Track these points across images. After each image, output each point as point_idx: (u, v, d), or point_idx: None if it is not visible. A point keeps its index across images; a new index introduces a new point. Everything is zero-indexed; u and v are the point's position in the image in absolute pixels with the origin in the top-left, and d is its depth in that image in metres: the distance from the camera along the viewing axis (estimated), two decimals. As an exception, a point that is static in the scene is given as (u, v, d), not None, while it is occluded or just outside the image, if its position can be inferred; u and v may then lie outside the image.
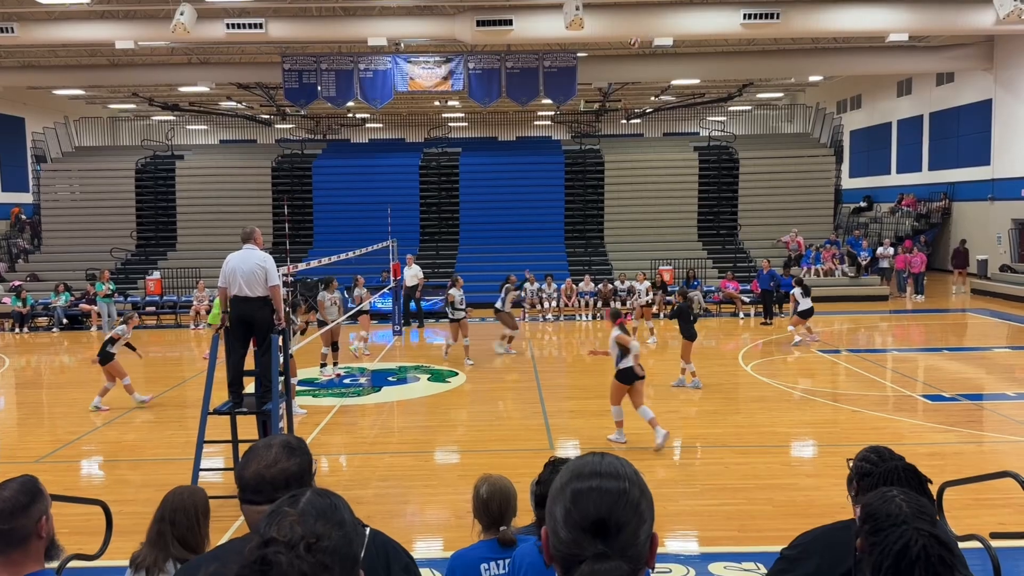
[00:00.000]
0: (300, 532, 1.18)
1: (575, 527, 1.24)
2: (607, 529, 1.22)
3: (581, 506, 1.24)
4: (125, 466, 9.20)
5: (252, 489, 1.89)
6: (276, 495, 1.75)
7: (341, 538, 1.22)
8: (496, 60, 23.08)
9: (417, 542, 6.88)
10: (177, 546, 3.48)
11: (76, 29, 19.82)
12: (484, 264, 24.20)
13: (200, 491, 3.74)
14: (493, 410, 11.59)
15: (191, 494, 3.68)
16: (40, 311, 20.93)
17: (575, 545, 1.23)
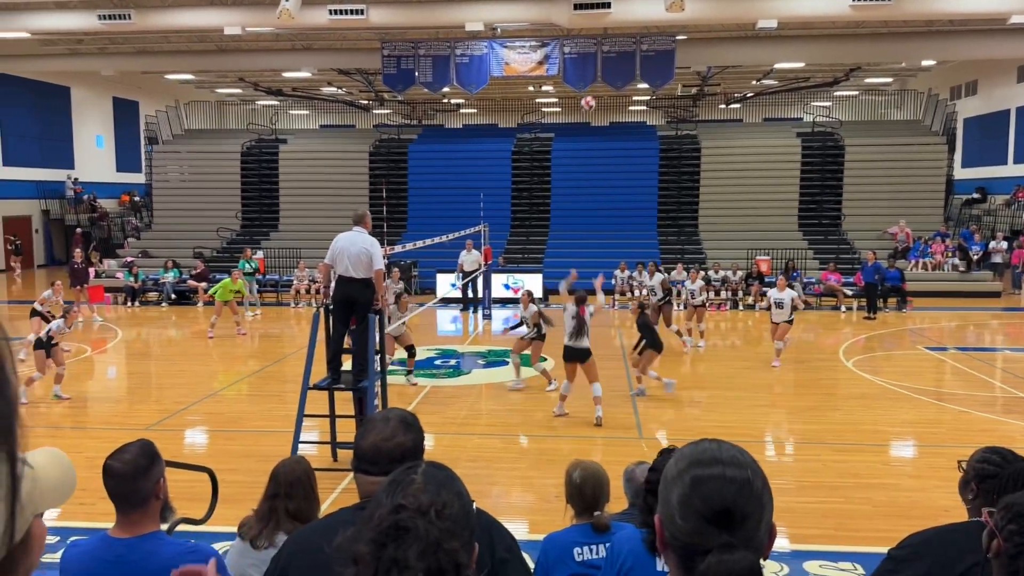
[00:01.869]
0: (428, 499, 1.20)
1: (697, 516, 1.19)
2: (732, 519, 1.18)
3: (703, 494, 1.20)
4: (227, 436, 9.59)
5: (369, 460, 1.96)
6: (391, 467, 1.80)
7: (461, 507, 1.24)
8: (592, 44, 22.86)
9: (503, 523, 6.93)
10: (289, 520, 3.50)
11: (187, 16, 20.64)
12: (574, 251, 24.11)
13: (305, 461, 3.80)
14: (581, 396, 11.53)
15: (299, 465, 3.69)
16: (150, 286, 22.00)
17: (697, 535, 1.19)
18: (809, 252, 23.57)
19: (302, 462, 3.76)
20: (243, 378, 12.73)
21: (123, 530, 2.39)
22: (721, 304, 20.47)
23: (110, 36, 24.22)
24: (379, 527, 1.17)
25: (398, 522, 1.16)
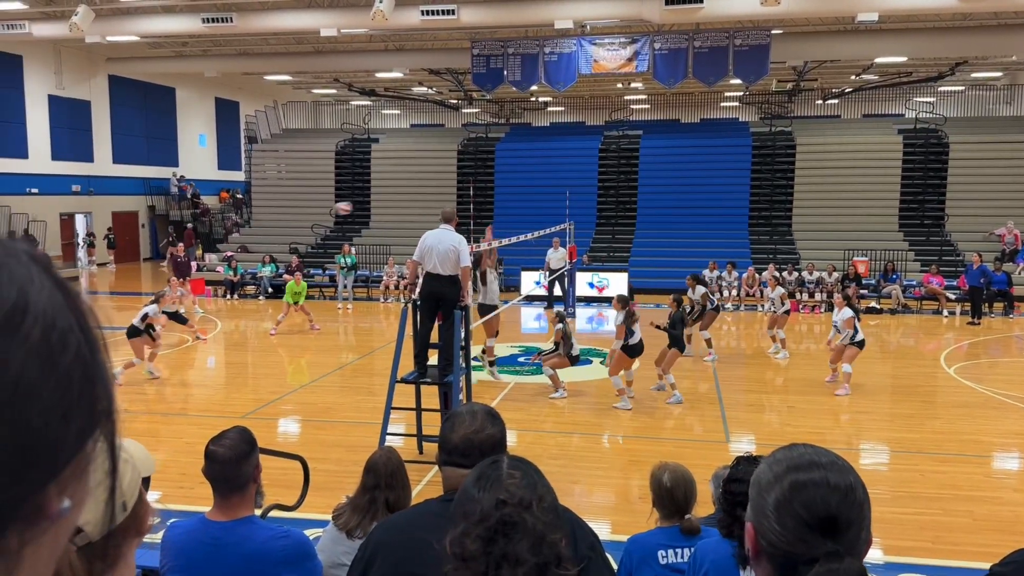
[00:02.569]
0: (527, 493, 1.22)
1: (798, 523, 1.16)
2: (837, 526, 1.14)
3: (805, 500, 1.16)
4: (318, 426, 9.88)
5: (460, 452, 2.00)
6: (480, 460, 1.83)
7: (554, 500, 1.24)
8: (683, 40, 22.51)
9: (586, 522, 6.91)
10: (386, 511, 3.54)
11: (285, 18, 21.33)
12: (660, 249, 23.81)
13: (397, 452, 3.86)
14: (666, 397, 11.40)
15: (394, 456, 3.74)
16: (248, 280, 22.83)
17: (799, 543, 1.15)
18: (910, 254, 22.61)
19: (395, 453, 3.82)
20: (334, 370, 13.08)
21: (221, 513, 2.49)
22: (815, 306, 19.87)
23: (213, 39, 25.26)
24: (485, 523, 1.18)
25: (505, 517, 1.17)
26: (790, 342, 14.97)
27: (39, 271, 0.54)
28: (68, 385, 0.51)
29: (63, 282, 0.56)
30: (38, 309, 0.52)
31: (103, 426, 0.53)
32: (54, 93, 26.86)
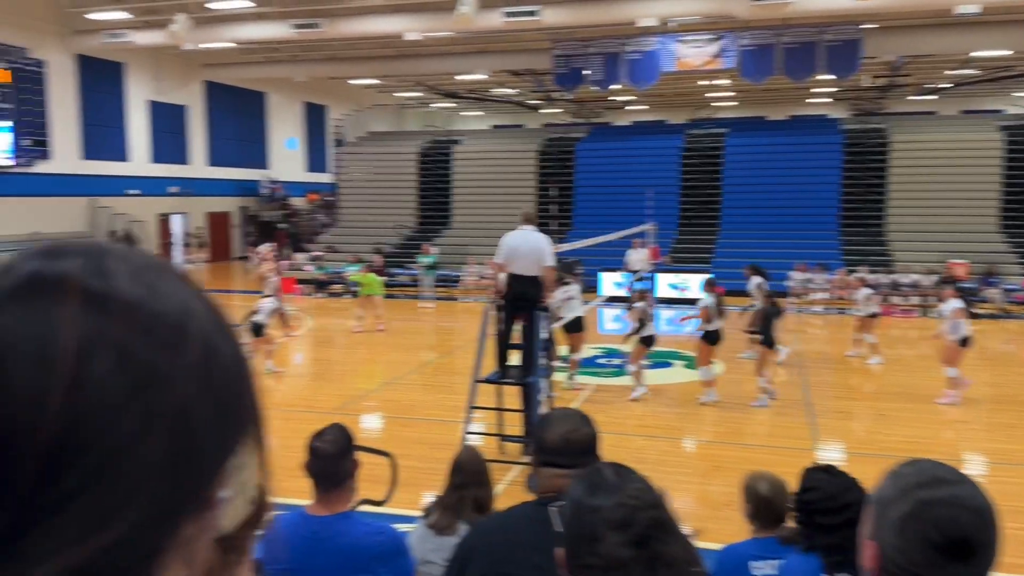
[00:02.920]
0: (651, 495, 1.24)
1: (927, 545, 1.10)
2: (970, 549, 1.08)
3: (936, 520, 1.11)
4: (402, 423, 10.05)
5: (557, 452, 2.03)
6: (579, 459, 1.93)
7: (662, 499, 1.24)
8: (771, 35, 21.98)
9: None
10: (473, 509, 3.59)
11: (371, 22, 21.77)
12: (746, 250, 23.28)
13: (480, 451, 3.88)
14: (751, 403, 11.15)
15: (479, 455, 3.77)
16: (336, 279, 23.38)
17: (927, 567, 1.10)
18: (1011, 256, 21.52)
19: (479, 452, 3.84)
20: (415, 369, 13.28)
21: (321, 508, 2.56)
22: (910, 310, 19.12)
23: (302, 44, 25.97)
24: (630, 527, 1.17)
25: (650, 519, 1.17)
26: (883, 347, 14.42)
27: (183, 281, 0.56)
28: (226, 392, 0.54)
29: (202, 290, 0.58)
30: (198, 321, 0.54)
31: (253, 426, 0.57)
32: (153, 99, 28.09)
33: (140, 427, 0.49)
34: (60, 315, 0.49)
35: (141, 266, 0.54)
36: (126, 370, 0.49)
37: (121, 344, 0.50)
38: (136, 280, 0.52)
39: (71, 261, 0.52)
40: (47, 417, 0.47)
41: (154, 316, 0.52)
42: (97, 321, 0.49)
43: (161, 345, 0.51)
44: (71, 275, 0.51)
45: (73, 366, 0.48)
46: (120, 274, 0.52)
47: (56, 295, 0.50)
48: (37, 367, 0.48)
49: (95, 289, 0.51)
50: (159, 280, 0.54)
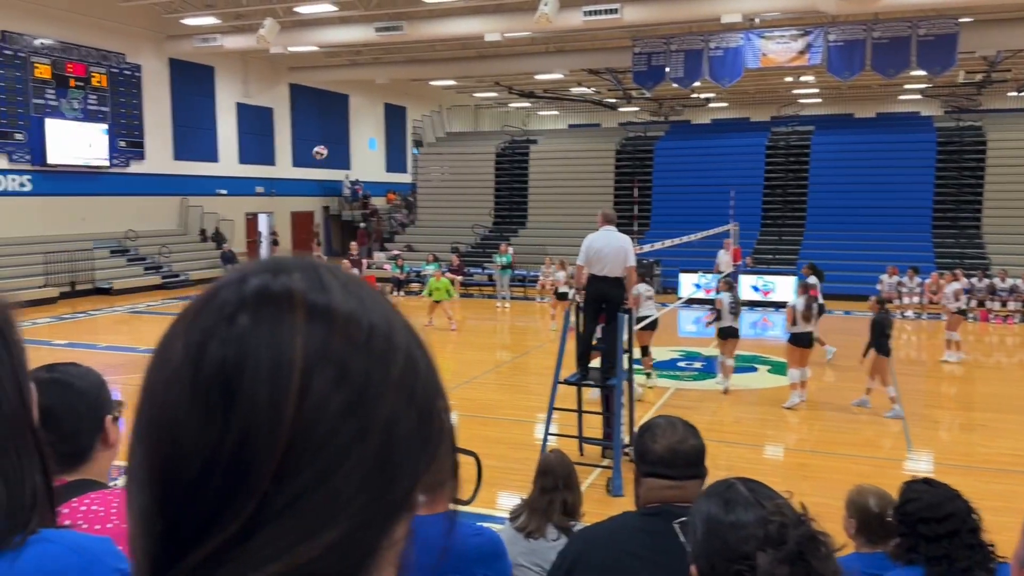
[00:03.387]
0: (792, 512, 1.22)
1: None
2: None
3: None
4: (482, 422, 10.06)
5: (664, 463, 1.99)
6: (686, 471, 1.92)
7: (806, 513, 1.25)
8: (861, 30, 21.23)
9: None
10: (562, 512, 3.55)
11: (452, 24, 21.94)
12: (832, 251, 22.59)
13: (566, 455, 3.85)
14: (841, 410, 10.77)
15: (566, 458, 3.73)
16: (414, 278, 23.67)
17: None
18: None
19: (566, 455, 3.81)
20: (494, 368, 13.32)
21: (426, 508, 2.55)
22: (1008, 316, 18.22)
23: (384, 47, 26.38)
24: (784, 544, 1.15)
25: (805, 535, 1.15)
26: (980, 354, 13.78)
27: (380, 294, 0.61)
28: (425, 401, 0.59)
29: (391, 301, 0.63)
30: (399, 333, 0.59)
31: (447, 433, 0.61)
32: (241, 101, 28.96)
33: (357, 435, 0.53)
34: (289, 327, 0.53)
35: (348, 280, 0.58)
36: (345, 382, 0.53)
37: (340, 356, 0.54)
38: (348, 294, 0.57)
39: (293, 276, 0.56)
40: (283, 421, 0.51)
41: (367, 329, 0.56)
42: (320, 333, 0.54)
43: (374, 357, 0.55)
44: (296, 289, 0.55)
45: (302, 375, 0.52)
46: (335, 288, 0.57)
47: (284, 308, 0.54)
48: (273, 374, 0.52)
49: (317, 303, 0.55)
50: (364, 294, 0.58)
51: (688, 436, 2.04)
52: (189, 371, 0.54)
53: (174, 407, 0.54)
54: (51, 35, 22.03)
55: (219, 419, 0.52)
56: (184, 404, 0.53)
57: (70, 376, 1.69)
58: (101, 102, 23.58)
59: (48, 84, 22.08)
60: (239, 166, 29.03)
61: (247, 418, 0.51)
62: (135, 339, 15.73)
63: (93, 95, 23.33)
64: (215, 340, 0.54)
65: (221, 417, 0.52)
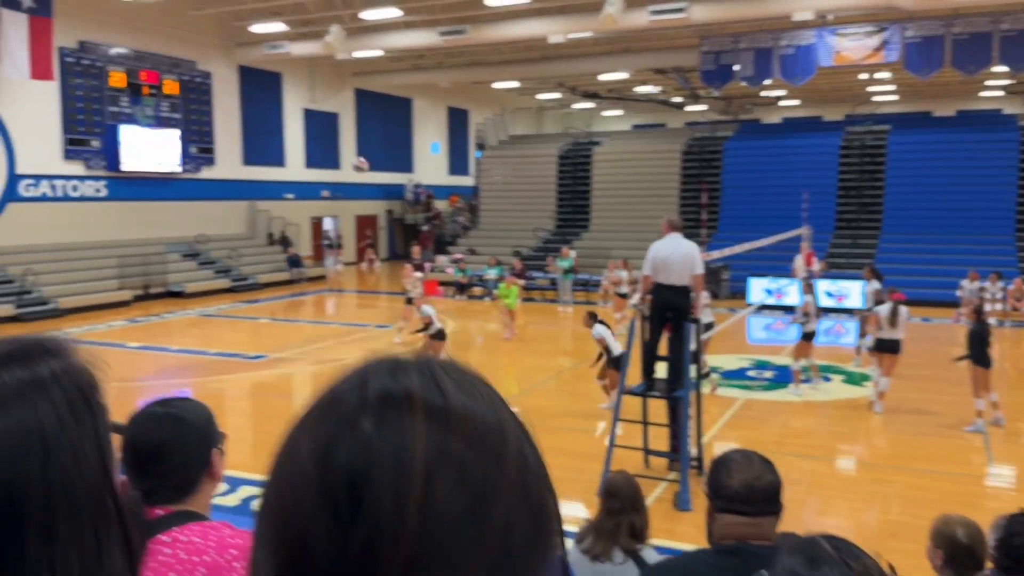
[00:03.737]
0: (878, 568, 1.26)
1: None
2: None
3: None
4: (546, 430, 9.85)
5: (741, 500, 1.96)
6: (763, 507, 1.92)
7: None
8: (939, 26, 20.40)
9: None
10: (628, 535, 3.47)
11: (516, 27, 21.85)
12: (910, 255, 21.75)
13: (632, 477, 3.74)
14: (920, 422, 10.27)
15: (633, 480, 3.67)
16: (476, 282, 23.65)
17: None
18: None
19: (632, 477, 3.70)
20: (556, 374, 13.13)
21: None
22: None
23: (447, 50, 26.46)
24: None
25: None
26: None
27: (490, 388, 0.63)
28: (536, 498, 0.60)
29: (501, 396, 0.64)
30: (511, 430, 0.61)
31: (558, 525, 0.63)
32: (308, 106, 29.44)
33: (477, 536, 0.55)
34: (410, 430, 0.56)
35: (462, 379, 0.61)
36: (464, 484, 0.56)
37: (459, 459, 0.56)
38: (462, 392, 0.60)
39: (411, 377, 0.59)
40: (407, 526, 0.53)
41: (481, 428, 0.58)
42: (439, 435, 0.57)
43: (489, 457, 0.58)
44: (415, 391, 0.58)
45: (424, 480, 0.55)
46: (451, 388, 0.59)
47: (404, 411, 0.57)
48: (397, 480, 0.55)
49: (435, 404, 0.58)
50: (477, 392, 0.61)
51: (764, 472, 2.01)
52: (317, 476, 0.55)
53: (303, 511, 0.55)
54: (125, 44, 22.72)
55: (347, 524, 0.54)
56: (313, 508, 0.55)
57: (182, 411, 1.82)
58: (173, 109, 24.21)
59: (122, 92, 22.76)
60: (305, 170, 29.51)
61: (373, 523, 0.53)
62: (206, 342, 16.05)
63: (165, 102, 23.97)
64: (342, 445, 0.56)
65: (349, 522, 0.54)
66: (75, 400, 0.83)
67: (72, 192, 21.71)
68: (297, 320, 20.10)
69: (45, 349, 0.85)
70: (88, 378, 0.86)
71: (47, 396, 0.81)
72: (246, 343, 16.18)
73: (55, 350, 0.85)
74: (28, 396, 0.80)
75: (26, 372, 0.81)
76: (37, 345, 0.85)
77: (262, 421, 10.44)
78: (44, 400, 0.81)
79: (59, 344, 0.87)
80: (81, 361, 0.86)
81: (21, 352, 0.83)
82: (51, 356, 0.84)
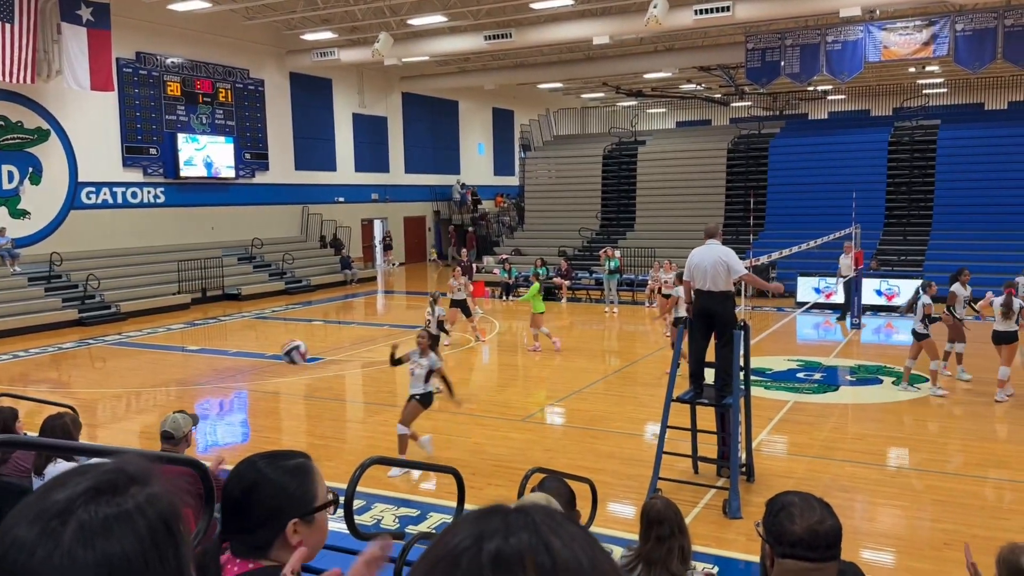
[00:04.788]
0: None
1: None
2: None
3: None
4: (592, 435, 10.06)
5: (806, 545, 1.97)
6: (826, 552, 1.94)
7: None
8: (991, 18, 20.02)
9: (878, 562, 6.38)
10: (680, 559, 3.51)
11: (560, 29, 21.99)
12: (962, 252, 21.36)
13: (671, 500, 3.77)
14: (978, 428, 10.19)
15: (674, 505, 3.66)
16: (521, 282, 23.83)
17: None
18: None
19: (670, 500, 3.73)
20: (601, 378, 13.27)
21: None
22: None
23: (492, 54, 26.70)
24: None
25: None
26: None
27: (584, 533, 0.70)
28: None
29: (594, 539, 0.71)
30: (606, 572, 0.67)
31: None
32: (357, 111, 29.94)
33: None
34: None
35: (564, 532, 0.68)
36: None
37: None
38: (567, 549, 0.66)
39: (522, 538, 0.66)
40: None
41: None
42: None
43: None
44: (525, 553, 0.65)
45: None
46: (557, 546, 0.66)
47: (518, 573, 0.63)
48: None
49: (546, 566, 0.64)
50: (576, 542, 0.67)
51: (826, 516, 2.01)
52: None
53: None
54: (180, 54, 23.41)
55: None
56: None
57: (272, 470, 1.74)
58: (227, 116, 24.87)
59: (178, 100, 23.47)
60: (355, 174, 30.03)
61: None
62: (261, 345, 16.52)
63: (220, 110, 24.64)
64: None
65: None
66: (159, 532, 0.84)
67: (131, 199, 22.47)
68: (350, 322, 20.55)
69: (129, 478, 0.87)
70: (171, 506, 0.88)
71: (133, 530, 0.83)
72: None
73: (139, 478, 0.87)
74: (114, 530, 0.81)
75: (112, 507, 0.83)
76: (122, 474, 0.87)
77: (316, 424, 10.78)
78: (130, 534, 0.82)
79: (143, 471, 0.89)
80: (164, 489, 0.89)
81: (108, 484, 0.85)
82: (136, 485, 0.86)
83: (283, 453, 1.79)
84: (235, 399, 12.31)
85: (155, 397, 12.48)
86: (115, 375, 14.22)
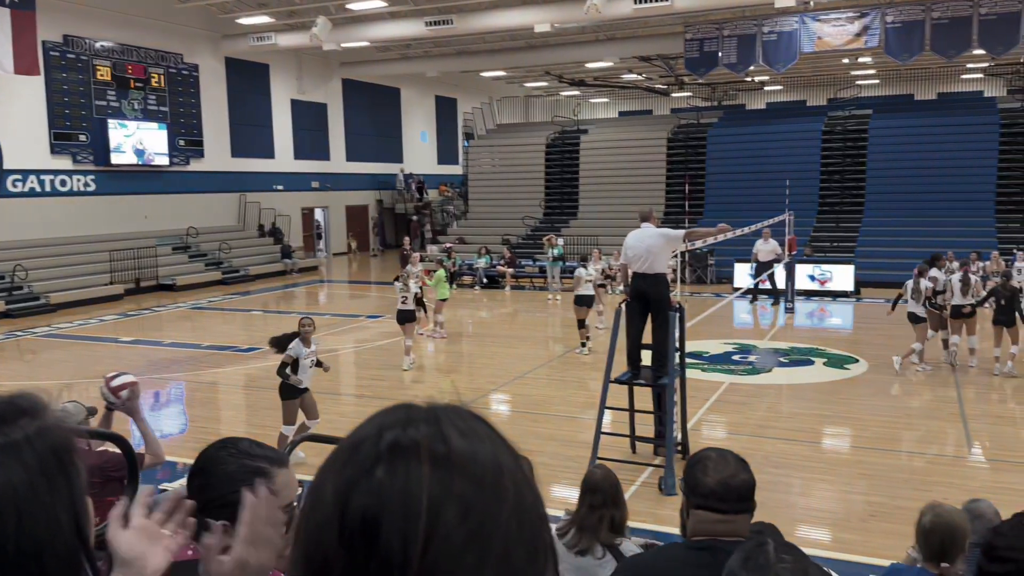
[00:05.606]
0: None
1: None
2: None
3: None
4: (532, 418, 10.14)
5: (717, 497, 2.03)
6: (738, 505, 2.00)
7: None
8: (919, 11, 20.63)
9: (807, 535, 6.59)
10: (609, 529, 3.57)
11: (502, 17, 21.95)
12: (891, 239, 22.09)
13: (611, 471, 3.86)
14: (900, 405, 10.58)
15: (612, 475, 3.74)
16: (465, 271, 23.83)
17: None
18: None
19: (611, 471, 3.82)
20: (544, 363, 13.37)
21: None
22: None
23: (434, 40, 26.52)
24: None
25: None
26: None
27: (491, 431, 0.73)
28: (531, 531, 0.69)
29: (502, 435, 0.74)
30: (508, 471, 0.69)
31: (552, 556, 0.72)
32: (296, 97, 29.44)
33: (477, 563, 0.64)
34: (416, 477, 0.66)
35: (466, 426, 0.70)
36: (466, 518, 0.65)
37: (461, 497, 0.66)
38: (465, 439, 0.69)
39: (420, 429, 0.69)
40: (412, 560, 0.63)
41: (482, 471, 0.67)
42: (443, 478, 0.66)
43: (488, 495, 0.67)
44: (421, 441, 0.68)
45: (428, 520, 0.64)
46: (454, 436, 0.69)
47: (412, 459, 0.67)
48: (404, 522, 0.64)
49: (439, 451, 0.67)
50: (479, 437, 0.70)
51: (739, 471, 2.06)
52: (337, 517, 0.66)
53: (325, 546, 0.67)
54: (111, 38, 22.69)
55: (361, 558, 0.65)
56: (333, 545, 0.66)
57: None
58: (160, 102, 24.22)
59: (109, 85, 22.76)
60: (295, 162, 29.56)
61: (384, 559, 0.64)
62: (198, 336, 16.20)
63: (152, 95, 23.98)
64: (358, 491, 0.67)
65: (363, 557, 0.65)
66: (49, 463, 0.83)
67: (60, 187, 21.75)
68: (289, 312, 20.26)
69: (20, 410, 0.85)
70: (63, 439, 0.86)
71: (20, 460, 0.81)
72: (238, 335, 16.35)
73: (30, 410, 0.86)
74: (1, 461, 0.80)
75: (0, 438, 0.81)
76: (11, 406, 0.85)
77: (255, 414, 10.63)
78: (17, 464, 0.81)
79: (34, 404, 0.87)
80: (56, 421, 0.86)
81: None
82: (26, 417, 0.85)
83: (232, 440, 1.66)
84: (172, 390, 12.06)
85: (88, 390, 12.13)
86: (44, 367, 13.79)
